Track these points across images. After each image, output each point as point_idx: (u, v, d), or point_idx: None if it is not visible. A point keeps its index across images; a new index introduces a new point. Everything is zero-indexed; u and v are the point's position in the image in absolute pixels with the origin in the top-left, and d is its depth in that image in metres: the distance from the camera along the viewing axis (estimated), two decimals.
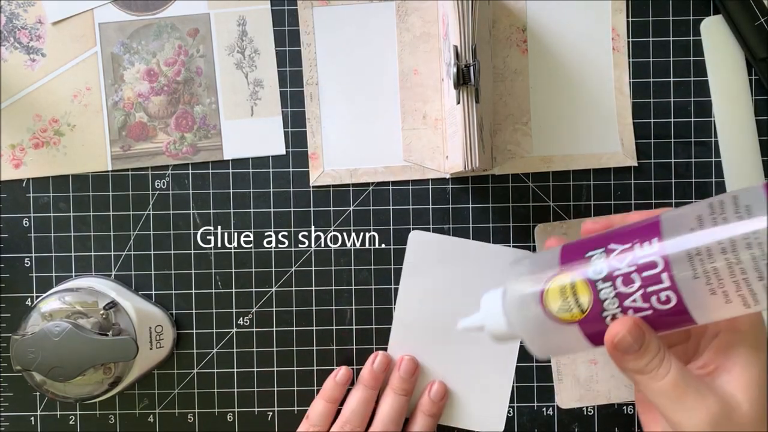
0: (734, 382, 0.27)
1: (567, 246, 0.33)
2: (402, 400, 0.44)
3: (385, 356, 0.45)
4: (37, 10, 0.45)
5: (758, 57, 0.45)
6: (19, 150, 0.46)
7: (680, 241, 0.28)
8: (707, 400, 0.27)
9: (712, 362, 0.29)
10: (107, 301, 0.41)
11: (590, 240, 0.32)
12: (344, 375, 0.45)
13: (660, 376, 0.28)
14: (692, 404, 0.27)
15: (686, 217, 0.29)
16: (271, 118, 0.46)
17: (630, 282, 0.29)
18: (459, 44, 0.38)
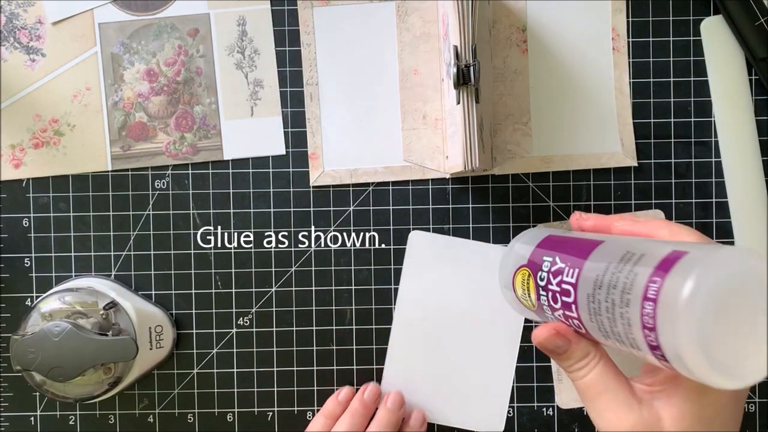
0: (668, 408, 0.28)
1: (546, 239, 0.35)
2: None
3: (376, 388, 0.45)
4: (37, 10, 0.45)
5: (758, 57, 0.45)
6: (19, 150, 0.46)
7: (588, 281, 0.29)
8: (631, 412, 0.28)
9: (660, 384, 0.30)
10: (107, 301, 0.41)
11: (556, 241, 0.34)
12: (346, 394, 0.45)
13: (579, 377, 0.30)
14: (604, 408, 0.29)
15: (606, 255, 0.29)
16: (271, 118, 0.46)
17: (555, 300, 0.32)
18: (459, 44, 0.37)
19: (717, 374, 0.23)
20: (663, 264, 0.25)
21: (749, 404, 0.46)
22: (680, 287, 0.23)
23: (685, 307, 0.23)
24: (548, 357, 0.46)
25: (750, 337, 0.24)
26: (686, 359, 0.23)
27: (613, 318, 0.27)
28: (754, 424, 0.46)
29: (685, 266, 0.24)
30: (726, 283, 0.23)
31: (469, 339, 0.46)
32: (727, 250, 0.24)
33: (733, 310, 0.23)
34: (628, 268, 0.27)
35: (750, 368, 0.24)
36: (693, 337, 0.23)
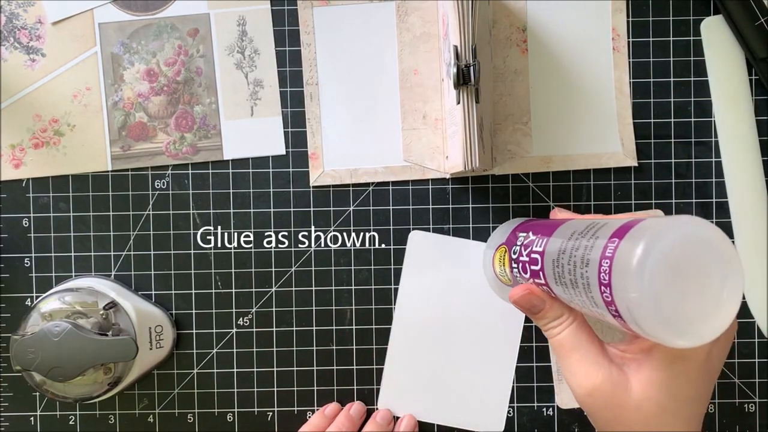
0: (637, 374, 0.29)
1: (524, 222, 0.39)
2: None
3: (362, 406, 0.45)
4: (37, 10, 0.45)
5: (758, 57, 0.45)
6: (19, 150, 0.46)
7: (554, 246, 0.31)
8: (600, 369, 0.30)
9: (633, 352, 0.31)
10: (107, 301, 0.41)
11: (530, 223, 0.37)
12: (333, 409, 0.45)
13: (553, 334, 0.32)
14: (575, 364, 0.30)
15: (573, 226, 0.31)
16: (271, 118, 0.46)
17: (525, 270, 0.35)
18: (459, 44, 0.37)
19: (666, 330, 0.24)
20: (621, 228, 0.27)
21: (749, 404, 0.46)
22: (634, 246, 0.25)
23: (636, 263, 0.24)
24: (548, 357, 0.46)
25: (700, 299, 0.25)
26: (635, 312, 0.25)
27: (575, 279, 0.29)
28: (754, 424, 0.46)
29: (641, 228, 0.26)
30: (677, 245, 0.24)
31: (469, 339, 0.46)
32: (681, 217, 0.25)
33: (684, 272, 0.25)
34: (590, 234, 0.29)
35: (701, 329, 0.25)
36: (643, 293, 0.24)
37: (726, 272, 0.25)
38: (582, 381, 0.30)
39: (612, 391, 0.29)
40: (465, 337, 0.46)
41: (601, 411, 0.30)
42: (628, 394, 0.29)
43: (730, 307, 0.25)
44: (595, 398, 0.30)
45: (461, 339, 0.45)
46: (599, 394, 0.29)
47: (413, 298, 0.46)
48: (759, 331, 0.46)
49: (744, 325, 0.46)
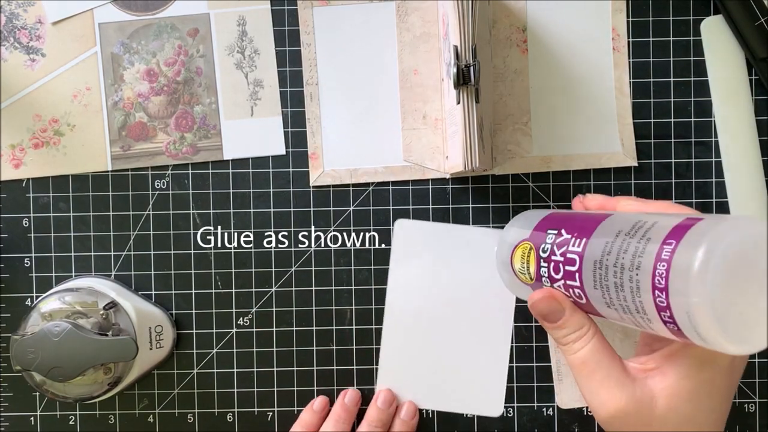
0: (663, 385, 0.28)
1: (549, 215, 0.36)
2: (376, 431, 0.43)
3: (356, 392, 0.45)
4: (37, 10, 0.45)
5: (758, 57, 0.45)
6: (19, 150, 0.46)
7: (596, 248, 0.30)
8: (624, 390, 0.28)
9: (655, 362, 0.30)
10: (107, 301, 0.41)
11: (561, 217, 0.35)
12: (321, 403, 0.45)
13: (573, 350, 0.30)
14: (597, 386, 0.29)
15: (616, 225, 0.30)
16: (271, 118, 0.46)
17: (558, 270, 0.32)
18: (459, 44, 0.37)
19: (725, 337, 0.24)
20: (677, 229, 0.26)
21: (749, 404, 0.46)
22: (695, 250, 0.24)
23: (698, 267, 0.24)
24: (548, 357, 0.46)
25: (758, 304, 0.24)
26: (697, 319, 0.24)
27: (621, 282, 0.28)
28: (754, 424, 0.46)
29: (699, 231, 0.25)
30: (738, 249, 0.24)
31: (462, 323, 0.46)
32: (740, 218, 0.25)
33: (743, 276, 0.24)
34: (640, 234, 0.27)
35: (757, 334, 0.24)
36: (705, 298, 0.23)
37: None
38: (606, 403, 0.29)
39: (637, 410, 0.28)
40: (458, 322, 0.46)
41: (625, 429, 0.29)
42: (653, 410, 0.28)
43: None
44: (621, 420, 0.28)
45: (454, 324, 0.46)
46: (624, 415, 0.28)
47: (403, 286, 0.46)
48: None
49: None
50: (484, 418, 0.46)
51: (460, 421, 0.46)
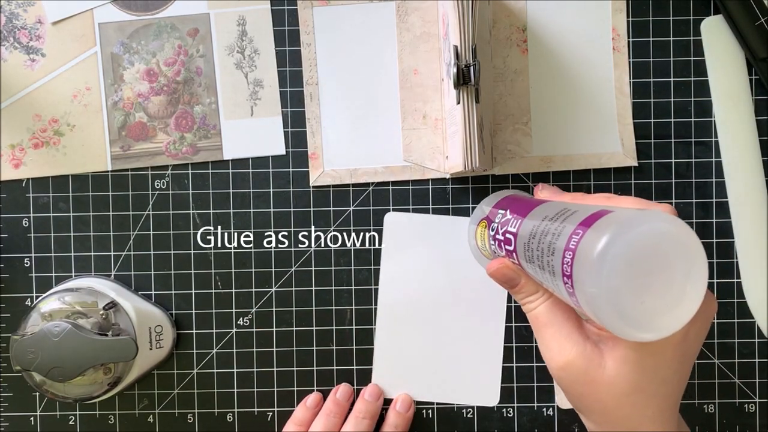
0: (613, 350, 0.29)
1: (506, 197, 0.39)
2: (363, 423, 0.44)
3: (348, 387, 0.45)
4: (37, 10, 0.45)
5: (758, 57, 0.44)
6: (19, 150, 0.46)
7: (526, 230, 0.32)
8: (575, 345, 0.30)
9: None
10: (107, 301, 0.41)
11: (512, 199, 0.37)
12: (314, 399, 0.45)
13: (530, 308, 0.33)
14: (550, 339, 0.31)
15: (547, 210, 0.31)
16: (271, 118, 0.46)
17: (501, 248, 0.35)
18: (459, 44, 0.37)
19: (625, 325, 0.24)
20: (588, 219, 0.26)
21: (749, 404, 0.46)
22: (596, 240, 0.24)
23: (596, 258, 0.24)
24: None
25: (662, 294, 0.25)
26: (594, 307, 0.25)
27: (542, 266, 0.29)
28: (754, 424, 0.46)
29: (605, 222, 0.25)
30: (641, 240, 0.24)
31: (455, 314, 0.46)
32: (647, 212, 0.25)
33: (646, 267, 0.24)
34: (559, 221, 0.28)
35: (662, 322, 0.25)
36: (601, 288, 0.24)
37: (690, 267, 0.25)
38: (555, 355, 0.30)
39: (585, 366, 0.29)
40: (451, 313, 0.46)
41: (573, 385, 0.30)
42: (602, 370, 0.29)
43: (692, 301, 0.25)
44: (568, 373, 0.30)
45: (447, 315, 0.46)
46: (572, 368, 0.29)
47: (395, 279, 0.46)
48: (759, 331, 0.46)
49: (744, 325, 0.46)
50: (483, 418, 0.46)
51: (459, 420, 0.46)
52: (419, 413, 0.46)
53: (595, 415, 0.30)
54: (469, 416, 0.46)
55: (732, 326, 0.46)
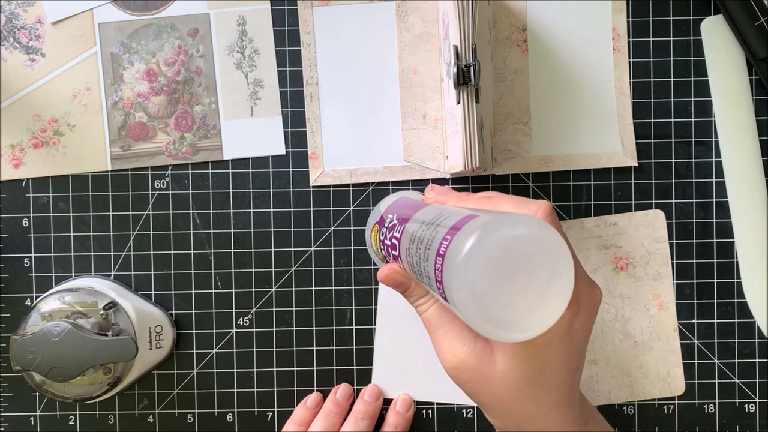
0: (503, 346, 0.30)
1: (396, 200, 0.38)
2: (363, 423, 0.44)
3: (348, 387, 0.46)
4: (36, 10, 0.45)
5: (758, 57, 0.45)
6: (19, 150, 0.46)
7: (407, 236, 0.32)
8: (465, 344, 0.30)
9: None
10: (107, 301, 0.41)
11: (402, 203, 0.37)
12: (314, 399, 0.45)
13: (421, 311, 0.33)
14: (441, 340, 0.31)
15: (426, 215, 0.31)
16: (271, 118, 0.46)
17: (388, 253, 0.35)
18: (459, 44, 0.37)
19: (492, 326, 0.25)
20: (456, 225, 0.27)
21: (749, 404, 0.46)
22: (460, 245, 0.25)
23: (462, 263, 0.24)
24: None
25: (527, 295, 0.25)
26: (462, 311, 0.25)
27: (421, 271, 0.29)
28: (754, 424, 0.46)
29: (469, 227, 0.26)
30: (501, 244, 0.25)
31: None
32: (509, 215, 0.26)
33: (511, 269, 0.25)
34: (434, 227, 0.29)
35: (528, 323, 0.25)
36: (467, 292, 0.25)
37: (554, 266, 0.25)
38: (447, 356, 0.31)
39: (476, 364, 0.30)
40: None
41: (468, 383, 0.31)
42: (493, 366, 0.29)
43: (559, 299, 0.25)
44: (461, 371, 0.30)
45: None
46: (464, 367, 0.30)
47: None
48: (759, 331, 0.46)
49: (744, 325, 0.46)
50: (483, 418, 0.46)
51: (459, 420, 0.46)
52: (419, 413, 0.46)
53: (493, 410, 0.31)
54: (469, 416, 0.46)
55: (732, 326, 0.46)
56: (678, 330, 0.46)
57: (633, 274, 0.46)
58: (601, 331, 0.46)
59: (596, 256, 0.46)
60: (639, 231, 0.46)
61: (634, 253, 0.46)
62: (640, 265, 0.46)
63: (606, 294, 0.46)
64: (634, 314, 0.46)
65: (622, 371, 0.46)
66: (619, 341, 0.46)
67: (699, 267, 0.46)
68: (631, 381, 0.46)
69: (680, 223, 0.46)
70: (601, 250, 0.46)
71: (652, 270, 0.46)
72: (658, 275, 0.46)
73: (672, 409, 0.46)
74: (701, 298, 0.46)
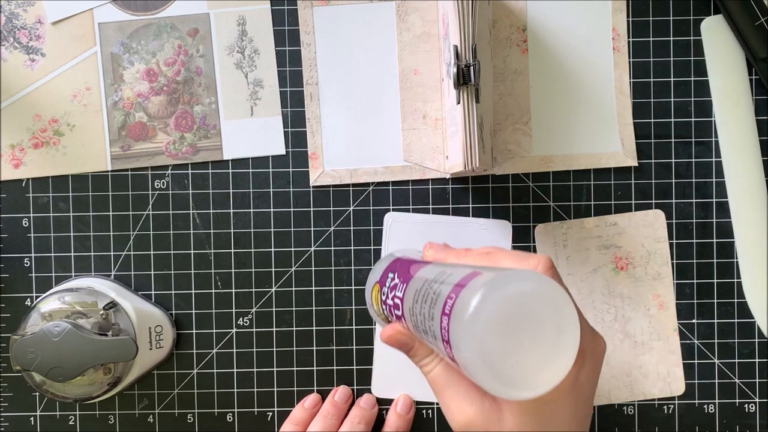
0: (510, 404, 0.29)
1: (395, 260, 0.37)
2: (359, 427, 0.44)
3: (347, 389, 0.46)
4: (36, 10, 0.45)
5: (758, 57, 0.45)
6: (19, 150, 0.46)
7: (410, 295, 0.31)
8: (472, 404, 0.30)
9: None
10: (107, 301, 0.41)
11: (401, 261, 0.36)
12: (312, 400, 0.45)
13: (426, 371, 0.33)
14: (448, 400, 0.31)
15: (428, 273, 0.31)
16: (271, 118, 0.46)
17: (391, 313, 0.35)
18: (459, 44, 0.37)
19: (503, 386, 0.25)
20: (460, 282, 0.27)
21: (749, 404, 0.46)
22: (467, 303, 0.25)
23: (469, 321, 0.24)
24: None
25: (535, 351, 0.25)
26: (471, 371, 0.25)
27: (426, 330, 0.29)
28: (754, 424, 0.46)
29: (473, 285, 0.25)
30: (510, 300, 0.25)
31: None
32: (512, 272, 0.26)
33: (516, 327, 0.25)
34: (437, 285, 0.28)
35: (537, 380, 0.25)
36: (475, 351, 0.24)
37: (559, 321, 0.25)
38: (456, 416, 0.30)
39: (485, 423, 0.29)
40: None
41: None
42: (502, 423, 0.29)
43: (566, 355, 0.25)
44: (471, 430, 0.30)
45: None
46: (473, 427, 0.30)
47: None
48: (759, 331, 0.46)
49: (744, 325, 0.46)
50: None
51: None
52: (419, 413, 0.46)
53: None
54: None
55: (732, 326, 0.46)
56: (678, 330, 0.46)
57: (633, 274, 0.46)
58: (601, 331, 0.46)
59: (596, 256, 0.46)
60: (639, 231, 0.46)
61: (634, 253, 0.46)
62: (640, 265, 0.46)
63: (606, 294, 0.46)
64: (634, 314, 0.46)
65: (622, 371, 0.46)
66: (619, 341, 0.46)
67: (699, 267, 0.46)
68: (631, 381, 0.46)
69: (680, 223, 0.46)
70: (601, 250, 0.46)
71: (652, 270, 0.46)
72: (658, 275, 0.46)
73: (672, 409, 0.46)
74: (701, 298, 0.46)
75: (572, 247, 0.46)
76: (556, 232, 0.46)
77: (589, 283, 0.46)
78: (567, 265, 0.46)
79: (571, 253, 0.46)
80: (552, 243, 0.46)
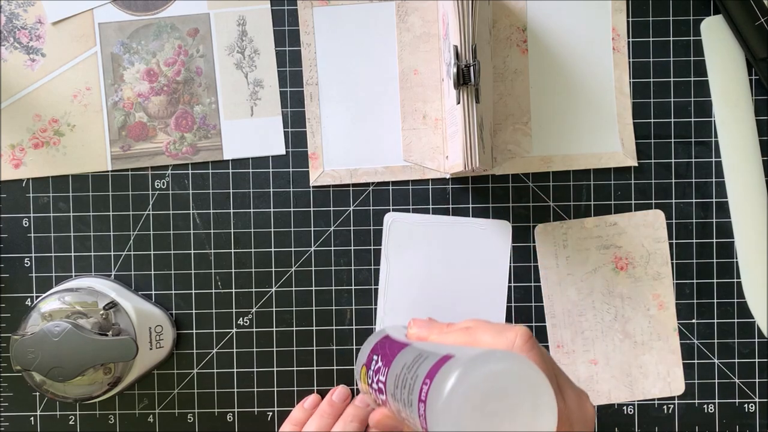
0: None
1: (380, 340, 0.37)
2: (351, 426, 0.43)
3: (345, 389, 0.45)
4: (37, 10, 0.45)
5: (758, 57, 0.45)
6: (19, 150, 0.46)
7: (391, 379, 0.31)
8: None
9: None
10: (107, 301, 0.41)
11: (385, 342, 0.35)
12: (312, 401, 0.45)
13: None
14: None
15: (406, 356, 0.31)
16: (271, 118, 0.46)
17: (377, 397, 0.34)
18: (459, 44, 0.38)
19: None
20: (433, 368, 0.26)
21: (749, 404, 0.46)
22: (440, 390, 0.25)
23: (442, 408, 0.24)
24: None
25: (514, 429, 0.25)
26: None
27: (407, 417, 0.29)
28: (754, 424, 0.46)
29: (446, 369, 0.25)
30: (484, 382, 0.25)
31: (455, 314, 0.46)
32: (486, 352, 0.25)
33: (494, 408, 0.25)
34: (414, 370, 0.28)
35: None
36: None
37: (535, 398, 0.25)
38: None
39: None
40: (451, 313, 0.45)
41: None
42: None
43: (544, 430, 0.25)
44: None
45: (447, 315, 0.45)
46: None
47: (395, 280, 0.46)
48: (759, 331, 0.46)
49: (744, 325, 0.46)
50: None
51: None
52: None
53: None
54: None
55: (732, 326, 0.46)
56: (678, 330, 0.46)
57: (633, 274, 0.46)
58: (601, 331, 0.46)
59: (596, 256, 0.46)
60: (639, 231, 0.46)
61: (634, 253, 0.46)
62: (640, 265, 0.46)
63: (606, 294, 0.46)
64: (634, 314, 0.46)
65: (622, 371, 0.46)
66: (619, 341, 0.46)
67: (699, 267, 0.46)
68: (631, 381, 0.46)
69: (680, 223, 0.46)
70: (601, 250, 0.46)
71: (651, 270, 0.46)
72: (658, 275, 0.46)
73: (672, 409, 0.46)
74: (701, 298, 0.46)
75: (572, 247, 0.46)
76: (556, 232, 0.46)
77: (588, 283, 0.46)
78: (567, 265, 0.46)
79: (571, 253, 0.46)
80: (552, 243, 0.46)
